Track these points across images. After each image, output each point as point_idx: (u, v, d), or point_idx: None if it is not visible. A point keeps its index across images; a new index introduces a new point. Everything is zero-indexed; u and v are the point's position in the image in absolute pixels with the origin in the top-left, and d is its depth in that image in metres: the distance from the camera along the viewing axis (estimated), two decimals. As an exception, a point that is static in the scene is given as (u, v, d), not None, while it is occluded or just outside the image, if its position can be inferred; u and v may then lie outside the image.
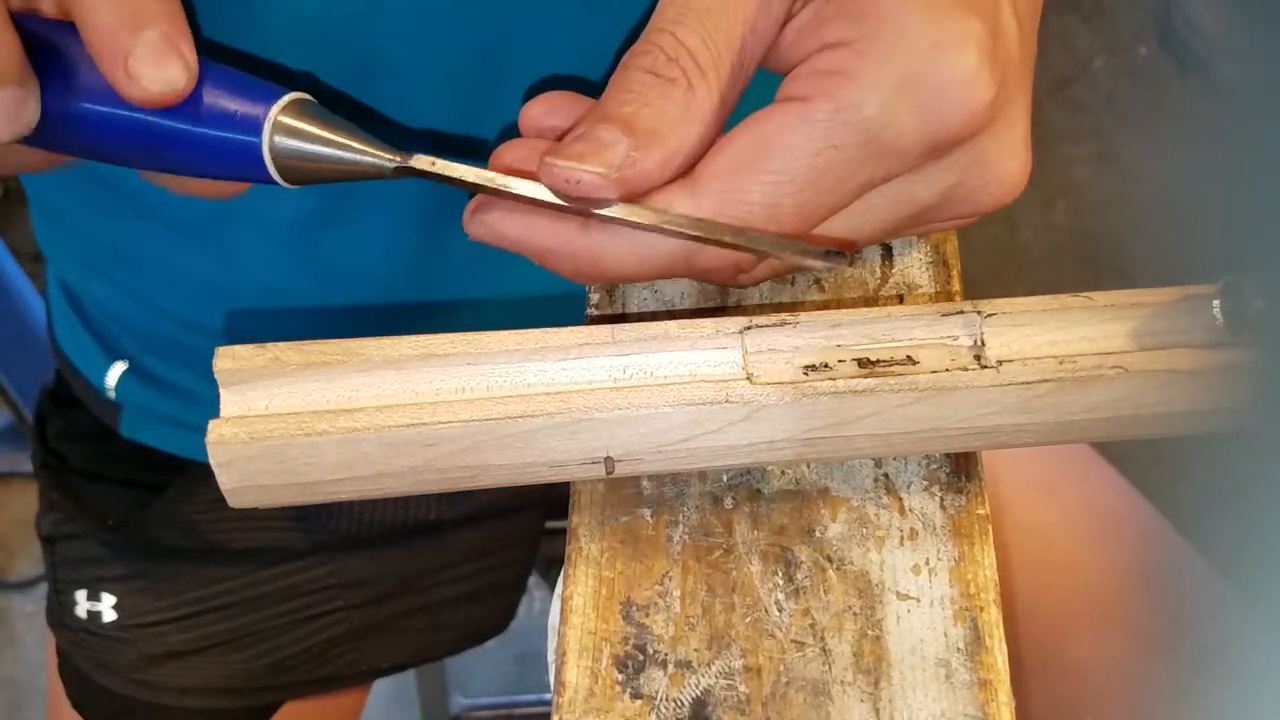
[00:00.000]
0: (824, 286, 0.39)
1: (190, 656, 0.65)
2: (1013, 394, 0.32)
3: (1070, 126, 1.68)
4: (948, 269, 0.39)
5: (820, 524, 0.34)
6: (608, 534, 0.34)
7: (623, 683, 0.32)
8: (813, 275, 0.39)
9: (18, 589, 1.38)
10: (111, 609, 0.65)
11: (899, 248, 0.40)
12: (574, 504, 0.35)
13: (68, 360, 0.66)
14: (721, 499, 0.35)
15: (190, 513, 0.65)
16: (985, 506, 0.35)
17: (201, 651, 0.65)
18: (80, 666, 0.66)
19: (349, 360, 0.32)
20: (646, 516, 0.35)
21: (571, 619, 0.33)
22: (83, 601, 0.65)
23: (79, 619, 0.65)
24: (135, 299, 0.58)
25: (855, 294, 0.39)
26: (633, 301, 0.39)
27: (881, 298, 0.39)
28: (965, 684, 0.32)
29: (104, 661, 0.65)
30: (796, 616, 0.33)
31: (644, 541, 0.34)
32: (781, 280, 0.39)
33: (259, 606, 0.66)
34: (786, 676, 0.32)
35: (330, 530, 0.66)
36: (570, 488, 0.35)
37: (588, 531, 0.34)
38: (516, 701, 1.20)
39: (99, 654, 0.65)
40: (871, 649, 0.32)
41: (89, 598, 0.65)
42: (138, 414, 0.63)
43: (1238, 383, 0.30)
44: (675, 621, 0.33)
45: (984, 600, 0.33)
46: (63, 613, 0.66)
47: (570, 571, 0.34)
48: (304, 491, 0.32)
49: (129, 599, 0.65)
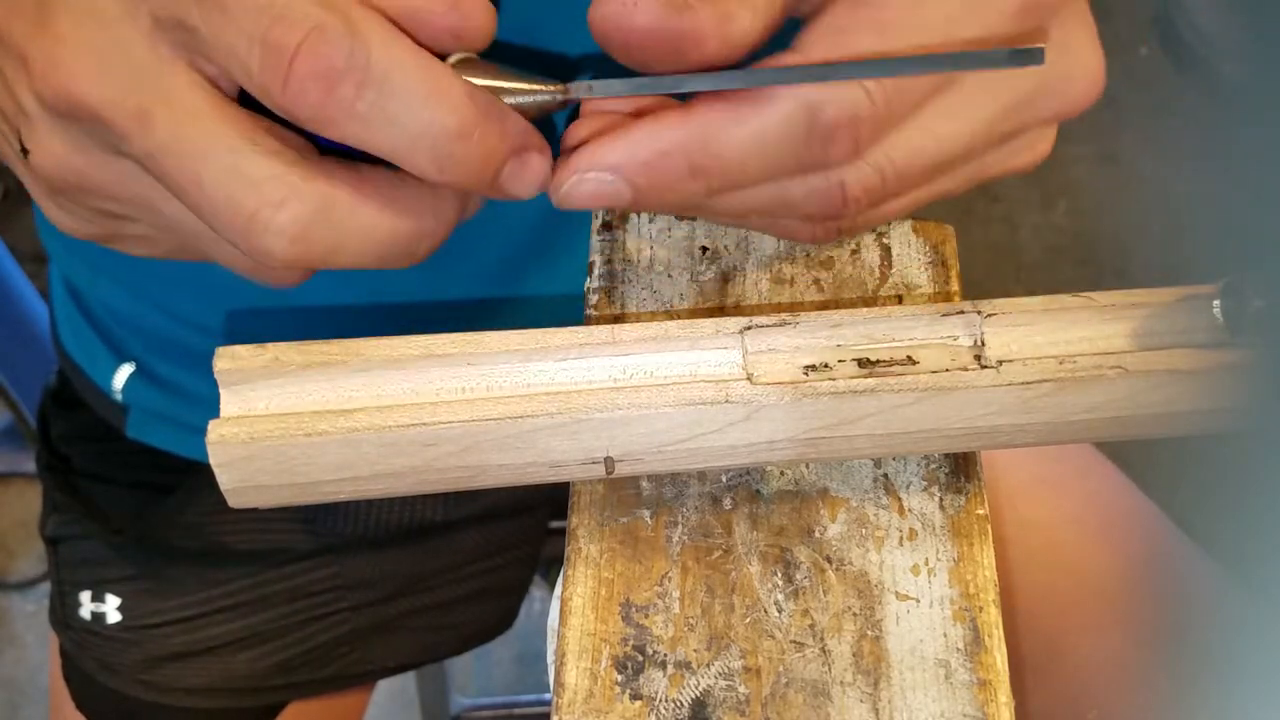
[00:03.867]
0: (823, 287, 0.39)
1: (196, 657, 0.65)
2: (1013, 394, 0.32)
3: (1070, 126, 1.68)
4: (946, 269, 0.39)
5: (820, 524, 0.34)
6: (607, 535, 0.34)
7: (622, 684, 0.32)
8: (812, 276, 0.39)
9: (18, 589, 1.38)
10: (116, 610, 0.65)
11: (897, 248, 0.39)
12: (573, 505, 0.35)
13: (73, 362, 0.65)
14: (721, 499, 0.35)
15: (196, 515, 0.65)
16: (985, 507, 0.35)
17: (207, 652, 0.65)
18: (85, 668, 0.66)
19: (349, 360, 0.32)
20: (646, 517, 0.35)
21: (571, 620, 0.33)
22: (87, 603, 0.65)
23: (83, 620, 0.65)
24: (143, 299, 0.58)
25: (854, 294, 0.39)
26: (631, 302, 0.39)
27: (880, 298, 0.39)
28: (965, 684, 0.32)
29: (109, 662, 0.65)
30: (796, 617, 0.33)
31: (643, 542, 0.34)
32: (781, 281, 0.39)
33: (264, 607, 0.66)
34: (786, 677, 0.32)
35: (335, 532, 0.66)
36: (569, 489, 0.35)
37: (587, 532, 0.34)
38: (516, 701, 1.20)
39: (104, 655, 0.65)
40: (871, 649, 0.32)
41: (93, 599, 0.65)
42: (145, 416, 0.63)
43: (1238, 383, 0.30)
44: (674, 622, 0.33)
45: (983, 600, 0.33)
46: (66, 614, 0.66)
47: (569, 572, 0.34)
48: (304, 491, 0.31)
49: (134, 600, 0.64)
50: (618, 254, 0.39)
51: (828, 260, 0.39)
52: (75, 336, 0.65)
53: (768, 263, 0.39)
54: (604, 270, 0.39)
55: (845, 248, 0.40)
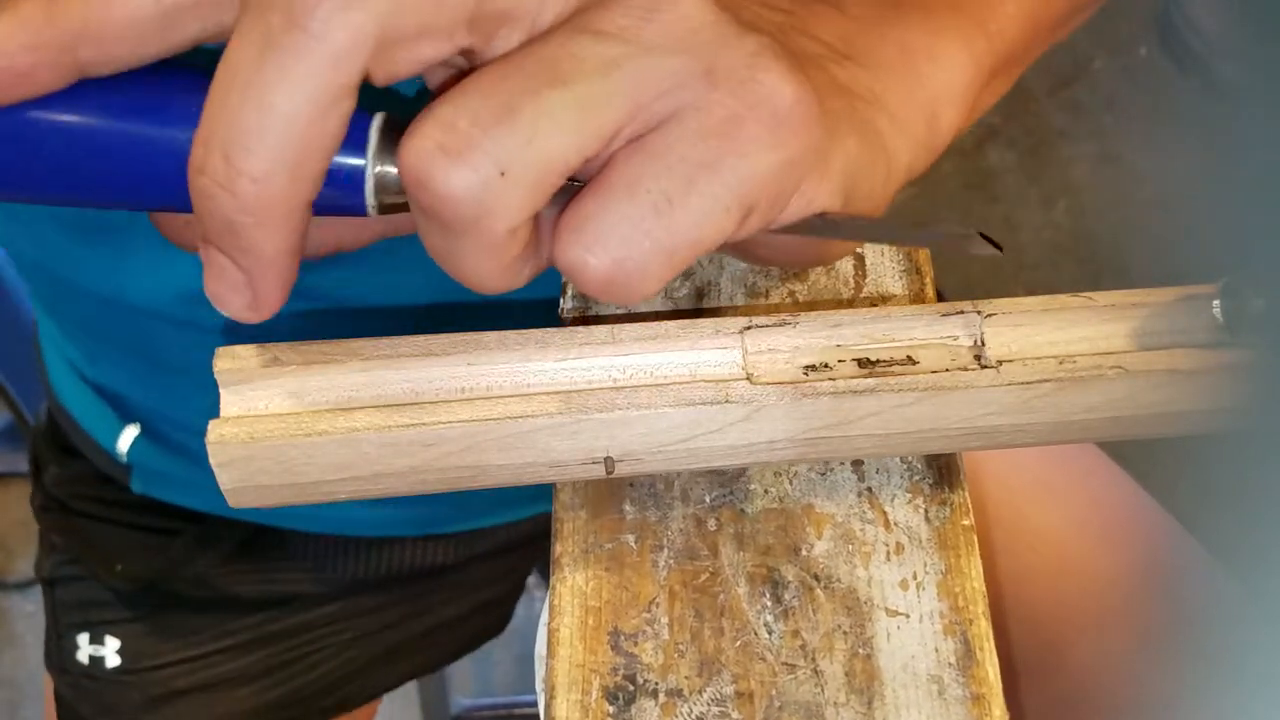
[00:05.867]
0: (798, 299, 0.38)
1: (197, 694, 0.64)
2: (1013, 394, 0.32)
3: (1070, 127, 1.68)
4: (921, 276, 0.39)
5: (806, 542, 0.34)
6: (592, 562, 0.34)
7: (614, 715, 0.31)
8: (787, 289, 0.38)
9: (18, 589, 1.38)
10: (115, 653, 0.63)
11: (871, 257, 0.39)
12: (556, 533, 0.34)
13: (73, 419, 0.64)
14: (705, 521, 0.35)
15: (203, 565, 0.63)
16: (970, 517, 0.35)
17: (208, 689, 0.64)
18: (82, 713, 0.65)
19: (349, 360, 0.32)
20: (630, 542, 0.34)
21: (559, 651, 0.32)
22: (85, 645, 0.64)
23: (81, 665, 0.64)
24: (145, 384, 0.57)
25: (829, 306, 0.38)
26: (606, 320, 0.38)
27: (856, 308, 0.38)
28: (958, 699, 0.32)
29: (106, 704, 0.64)
30: (786, 638, 0.33)
31: (629, 568, 0.34)
32: (756, 294, 0.38)
33: (266, 644, 0.65)
34: (779, 700, 0.32)
35: (342, 572, 0.65)
36: (552, 517, 0.35)
37: (571, 560, 0.34)
38: (516, 702, 1.20)
39: (102, 698, 0.64)
40: (863, 668, 0.32)
41: (91, 641, 0.64)
42: (151, 475, 0.61)
43: (1238, 383, 0.30)
44: (664, 649, 0.32)
45: (973, 613, 0.33)
46: (63, 658, 0.64)
47: (555, 602, 0.33)
48: (304, 491, 0.31)
49: (134, 641, 0.63)
50: None
51: (802, 273, 0.39)
52: (75, 398, 0.63)
53: (741, 277, 0.39)
54: (578, 289, 0.39)
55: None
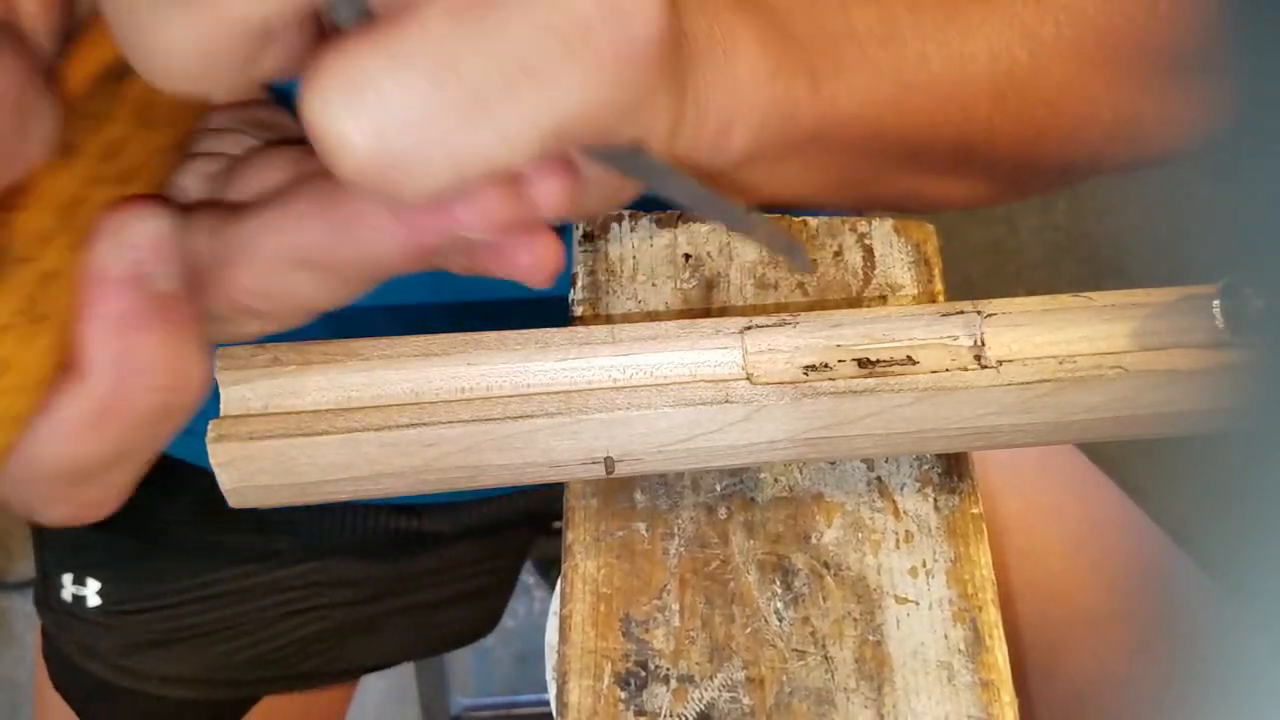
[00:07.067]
0: (807, 290, 0.39)
1: (172, 645, 0.65)
2: (1013, 394, 0.32)
3: (1070, 126, 1.68)
4: (929, 268, 0.39)
5: (816, 530, 0.34)
6: (603, 549, 0.34)
7: (626, 700, 0.32)
8: (795, 280, 0.39)
9: (18, 589, 1.38)
10: (96, 594, 0.65)
11: (880, 249, 0.39)
12: (568, 520, 0.35)
13: None
14: (715, 509, 0.35)
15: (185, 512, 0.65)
16: (979, 505, 0.35)
17: (183, 640, 0.66)
18: (64, 649, 0.67)
19: (349, 360, 0.32)
20: (641, 530, 0.34)
21: (571, 638, 0.33)
22: (68, 585, 0.66)
23: (64, 602, 0.66)
24: None
25: (838, 296, 0.39)
26: (616, 312, 0.38)
27: (865, 299, 0.38)
28: (968, 685, 0.32)
29: (87, 646, 0.66)
30: (796, 625, 0.33)
31: (640, 556, 0.34)
32: (765, 286, 0.39)
33: (243, 599, 0.66)
34: (789, 686, 0.32)
35: (320, 535, 0.66)
36: (564, 505, 0.35)
37: (583, 548, 0.34)
38: (516, 701, 1.20)
39: (82, 638, 0.66)
40: (873, 654, 0.32)
41: (75, 581, 0.66)
42: None
43: (1238, 383, 0.30)
44: (675, 636, 0.33)
45: (982, 600, 0.33)
46: (49, 595, 0.66)
47: (567, 589, 0.34)
48: (304, 491, 0.31)
49: (114, 585, 0.65)
50: (600, 264, 0.39)
51: (810, 263, 0.39)
52: None
53: (750, 268, 0.39)
54: (587, 281, 0.39)
55: (828, 250, 0.40)
